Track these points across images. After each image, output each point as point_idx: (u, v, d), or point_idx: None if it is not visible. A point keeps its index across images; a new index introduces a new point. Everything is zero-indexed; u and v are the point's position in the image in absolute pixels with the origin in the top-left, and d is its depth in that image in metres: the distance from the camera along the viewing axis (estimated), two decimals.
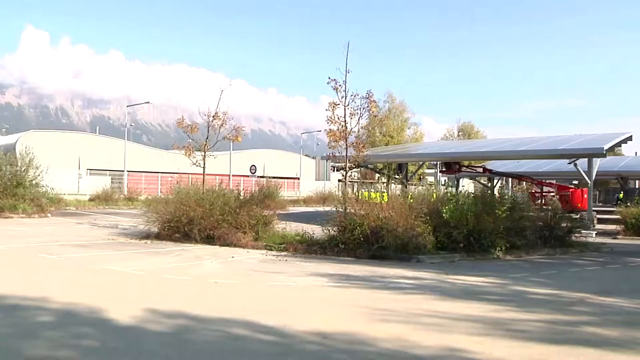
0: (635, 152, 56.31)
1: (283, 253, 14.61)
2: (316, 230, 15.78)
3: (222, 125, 20.33)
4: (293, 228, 17.39)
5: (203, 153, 19.97)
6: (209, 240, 15.80)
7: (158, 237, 16.68)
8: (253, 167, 45.13)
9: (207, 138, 20.26)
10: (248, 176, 45.50)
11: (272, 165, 61.18)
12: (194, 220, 15.93)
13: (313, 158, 76.53)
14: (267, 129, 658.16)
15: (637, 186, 52.46)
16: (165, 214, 16.63)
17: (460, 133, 78.03)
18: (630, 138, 28.24)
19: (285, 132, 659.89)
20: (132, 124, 63.79)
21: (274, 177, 42.07)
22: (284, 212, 27.59)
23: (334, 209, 15.78)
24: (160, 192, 36.13)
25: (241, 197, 17.64)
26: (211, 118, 20.19)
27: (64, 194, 32.41)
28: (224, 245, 15.41)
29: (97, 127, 76.88)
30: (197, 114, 21.33)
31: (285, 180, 59.54)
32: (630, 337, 6.73)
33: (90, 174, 45.00)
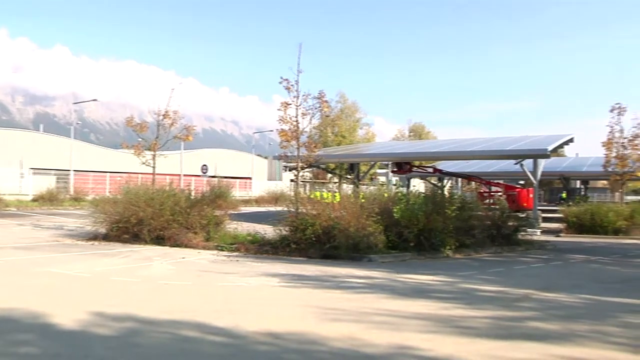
0: (577, 154, 58.22)
1: (234, 253, 14.50)
2: (268, 230, 15.73)
3: (172, 124, 20.06)
4: (245, 228, 17.29)
5: (153, 152, 19.63)
6: (159, 241, 15.53)
7: (106, 238, 16.28)
8: (204, 167, 44.62)
9: (157, 137, 19.93)
10: (199, 176, 44.93)
11: (224, 165, 60.55)
12: (143, 221, 15.62)
13: (265, 158, 76.33)
14: (219, 129, 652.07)
15: (578, 186, 54.36)
16: (113, 215, 16.23)
17: (411, 133, 79.23)
18: (572, 140, 29.26)
19: (237, 131, 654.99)
20: (79, 122, 62.00)
21: (225, 177, 41.57)
22: (236, 212, 27.35)
23: (286, 208, 15.75)
24: (109, 192, 35.29)
25: (192, 197, 17.43)
26: (161, 117, 19.87)
27: (4, 195, 31.29)
28: (174, 246, 15.19)
29: (41, 125, 74.41)
30: (147, 113, 20.99)
31: (238, 180, 59.03)
32: (569, 330, 6.96)
33: (33, 173, 43.45)
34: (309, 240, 14.17)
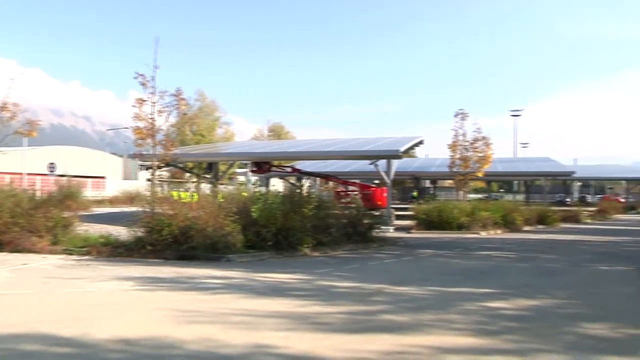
0: (427, 155, 62.02)
1: (85, 257, 13.70)
2: (122, 232, 15.04)
3: (12, 117, 18.43)
4: (97, 230, 16.45)
5: None
6: None
7: None
8: (52, 165, 41.54)
9: None
10: (46, 175, 41.84)
11: (75, 163, 56.64)
12: None
13: (120, 156, 73.16)
14: (68, 124, 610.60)
15: (428, 185, 57.97)
16: None
17: (270, 133, 79.61)
18: (422, 142, 31.08)
19: (89, 128, 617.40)
20: None
21: (76, 176, 39.09)
22: (88, 213, 26.00)
23: (142, 209, 15.21)
24: None
25: (37, 198, 16.20)
26: None
27: None
28: (15, 252, 13.96)
29: None
30: None
31: (90, 179, 55.91)
32: (418, 320, 7.40)
33: None
34: (166, 241, 13.74)
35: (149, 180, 23.50)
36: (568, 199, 58.00)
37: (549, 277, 11.94)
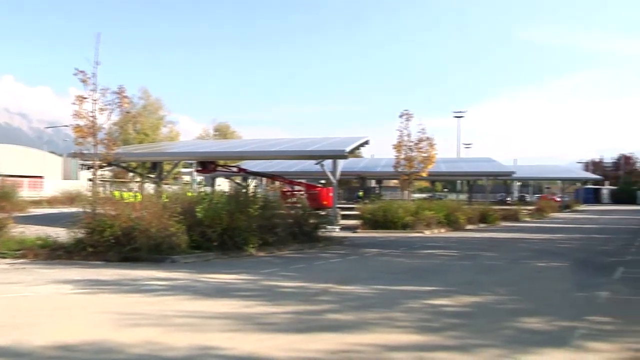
0: (372, 155, 62.67)
1: (20, 260, 13.20)
2: (61, 234, 14.57)
3: None
4: (33, 232, 15.89)
5: None
6: None
7: None
8: None
9: None
10: None
11: (10, 162, 54.60)
12: None
13: (60, 155, 70.88)
14: (2, 121, 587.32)
15: (373, 185, 58.66)
16: None
17: (216, 133, 78.93)
18: (367, 142, 31.43)
19: (25, 125, 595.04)
20: None
21: (11, 176, 37.69)
22: (24, 215, 25.12)
23: (82, 209, 14.78)
24: None
25: None
26: None
27: None
28: None
29: None
30: None
31: (26, 179, 53.90)
32: (362, 319, 7.47)
33: None
34: (108, 243, 13.41)
35: (90, 180, 22.90)
36: (508, 198, 59.80)
37: (490, 274, 12.28)
